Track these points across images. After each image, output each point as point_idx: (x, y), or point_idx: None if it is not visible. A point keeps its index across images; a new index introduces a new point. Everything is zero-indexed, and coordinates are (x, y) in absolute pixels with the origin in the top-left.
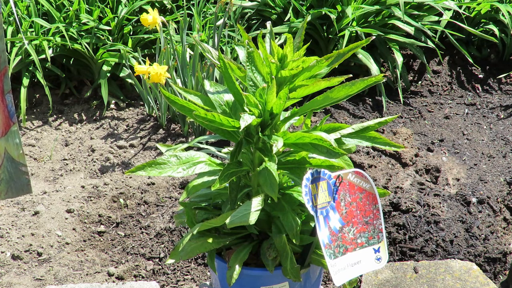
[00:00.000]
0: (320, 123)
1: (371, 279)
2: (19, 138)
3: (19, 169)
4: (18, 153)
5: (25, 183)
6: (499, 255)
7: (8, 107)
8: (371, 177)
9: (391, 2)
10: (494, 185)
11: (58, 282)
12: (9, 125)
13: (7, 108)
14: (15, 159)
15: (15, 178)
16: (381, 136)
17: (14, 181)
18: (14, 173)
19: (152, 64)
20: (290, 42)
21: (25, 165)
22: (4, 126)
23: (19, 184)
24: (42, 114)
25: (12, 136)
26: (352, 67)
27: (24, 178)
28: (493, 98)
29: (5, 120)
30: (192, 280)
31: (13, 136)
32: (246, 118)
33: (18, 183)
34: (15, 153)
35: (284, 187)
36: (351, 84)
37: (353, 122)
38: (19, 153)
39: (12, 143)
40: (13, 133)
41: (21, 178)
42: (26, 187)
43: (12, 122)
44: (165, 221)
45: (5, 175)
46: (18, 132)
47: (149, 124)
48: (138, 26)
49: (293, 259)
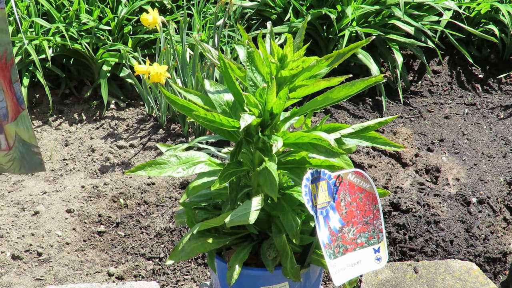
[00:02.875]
0: (320, 123)
1: (371, 279)
2: (29, 122)
3: (31, 150)
4: (29, 135)
5: (38, 162)
6: (499, 255)
7: (17, 94)
8: (371, 177)
9: (391, 2)
10: (494, 185)
11: (58, 282)
12: (19, 111)
13: (15, 95)
14: (26, 141)
15: (27, 157)
16: (381, 136)
17: (26, 160)
18: (26, 153)
19: (152, 64)
20: (290, 42)
21: (37, 146)
22: (13, 112)
23: (31, 163)
24: (42, 114)
25: (22, 121)
26: (352, 67)
27: (36, 158)
28: (493, 98)
29: (14, 107)
30: (192, 280)
31: (23, 121)
32: (246, 118)
33: (30, 162)
34: (26, 135)
35: (284, 187)
36: (351, 84)
37: (353, 122)
38: (30, 135)
39: (22, 127)
40: (23, 118)
41: (33, 157)
42: (39, 165)
43: (21, 108)
44: (165, 221)
45: (18, 155)
46: (28, 116)
47: (149, 124)
48: (138, 26)
49: (293, 259)
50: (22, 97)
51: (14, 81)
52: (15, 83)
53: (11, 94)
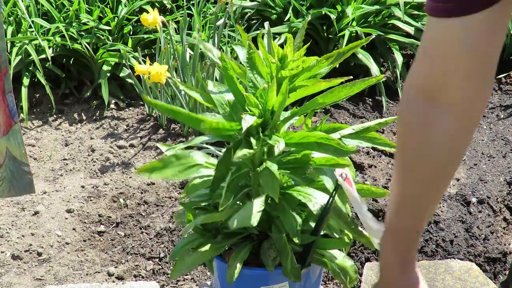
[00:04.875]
0: (320, 123)
1: (371, 279)
2: (21, 138)
3: (21, 169)
4: (20, 152)
5: (27, 183)
6: (499, 255)
7: (10, 106)
8: (371, 177)
9: (391, 2)
10: (494, 185)
11: (58, 282)
12: (11, 125)
13: (8, 107)
14: (17, 158)
15: (18, 177)
16: (382, 137)
17: (16, 180)
18: (17, 172)
19: (153, 64)
20: (290, 42)
21: (27, 165)
22: (5, 125)
23: (21, 183)
24: (42, 114)
25: (14, 136)
26: (352, 67)
27: (26, 177)
28: (493, 98)
29: (6, 120)
30: (192, 280)
31: (15, 135)
32: (247, 119)
33: (20, 182)
34: (17, 152)
35: (284, 186)
36: (352, 84)
37: (353, 122)
38: (21, 152)
39: (14, 142)
40: (14, 132)
41: (23, 177)
42: (28, 186)
43: (13, 122)
44: (165, 221)
45: (7, 174)
46: (20, 131)
47: (149, 124)
48: (138, 26)
49: (294, 259)
50: (15, 109)
51: (7, 91)
52: (9, 93)
53: (4, 106)
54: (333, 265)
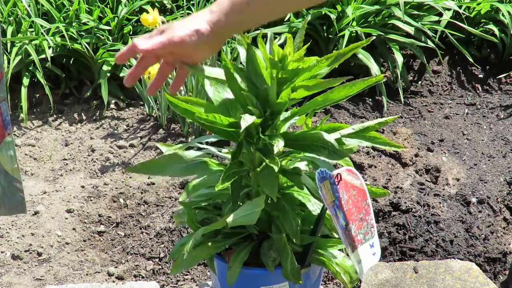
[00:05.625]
0: (320, 123)
1: (371, 279)
2: (14, 151)
3: (13, 185)
4: (13, 166)
5: (19, 201)
6: (499, 255)
7: (3, 115)
8: (371, 177)
9: (391, 2)
10: (494, 185)
11: (58, 282)
12: (3, 135)
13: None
14: (9, 173)
15: (9, 194)
16: (381, 136)
17: (7, 197)
18: (8, 188)
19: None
20: (290, 42)
21: (20, 182)
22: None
23: (13, 201)
24: (42, 114)
25: (6, 148)
26: (352, 67)
27: (18, 195)
28: (493, 98)
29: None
30: (192, 280)
31: (7, 148)
32: (246, 118)
33: (12, 200)
34: (9, 166)
35: (284, 187)
36: (352, 84)
37: (353, 122)
38: (13, 167)
39: (6, 155)
40: (7, 144)
41: (15, 194)
42: (20, 205)
43: (6, 133)
44: (165, 221)
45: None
46: (13, 144)
47: (149, 124)
48: (138, 26)
49: (294, 259)
50: (8, 119)
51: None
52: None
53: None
54: (333, 265)
